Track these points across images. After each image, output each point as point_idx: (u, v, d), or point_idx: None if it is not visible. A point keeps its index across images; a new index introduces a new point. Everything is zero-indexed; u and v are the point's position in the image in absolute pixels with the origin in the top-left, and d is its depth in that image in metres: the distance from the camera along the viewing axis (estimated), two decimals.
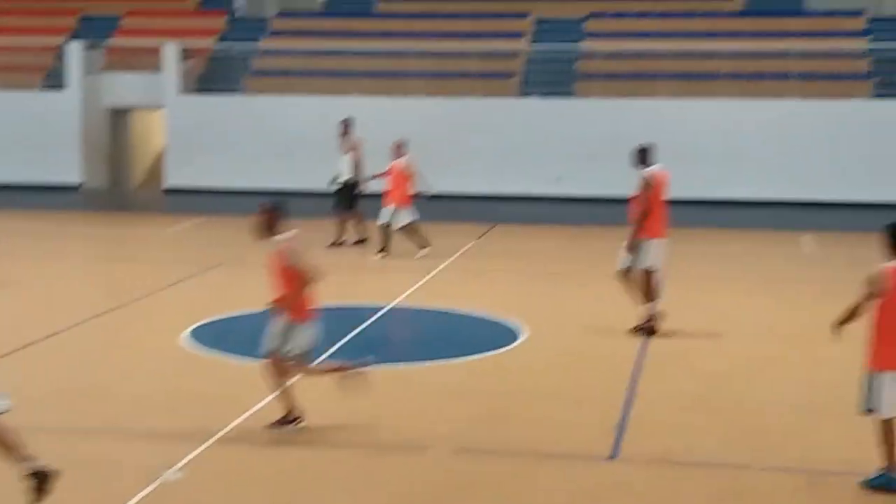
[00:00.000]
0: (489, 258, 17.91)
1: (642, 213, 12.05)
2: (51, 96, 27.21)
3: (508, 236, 20.16)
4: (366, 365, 9.12)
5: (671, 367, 11.20)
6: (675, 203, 24.24)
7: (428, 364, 11.08)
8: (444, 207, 23.56)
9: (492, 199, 24.82)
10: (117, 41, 28.09)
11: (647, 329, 12.16)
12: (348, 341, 12.02)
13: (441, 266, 16.61)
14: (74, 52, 27.06)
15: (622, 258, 12.22)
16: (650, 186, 12.09)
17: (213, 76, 27.34)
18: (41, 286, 15.30)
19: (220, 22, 29.14)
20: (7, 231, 20.06)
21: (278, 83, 26.91)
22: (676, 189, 24.10)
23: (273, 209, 8.83)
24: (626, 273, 12.23)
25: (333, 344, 11.79)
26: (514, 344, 11.99)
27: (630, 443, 8.75)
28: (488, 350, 11.68)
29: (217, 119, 26.49)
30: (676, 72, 25.67)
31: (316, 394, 10.08)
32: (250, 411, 9.39)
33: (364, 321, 12.96)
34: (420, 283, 15.30)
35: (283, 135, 25.83)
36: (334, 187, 18.41)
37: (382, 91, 26.24)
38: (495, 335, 12.37)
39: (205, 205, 23.42)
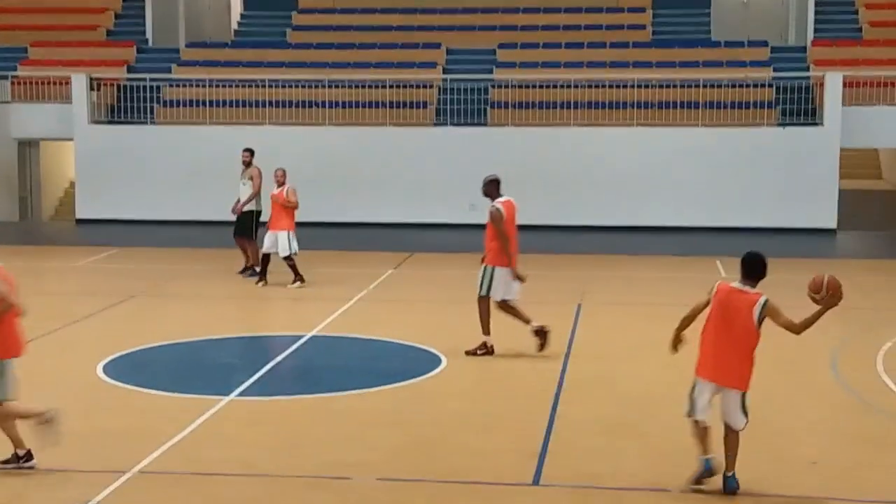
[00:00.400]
0: (407, 286, 17.92)
1: (503, 243, 12.34)
2: None
3: (425, 264, 20.19)
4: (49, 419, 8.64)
5: (592, 392, 11.29)
6: (586, 229, 24.60)
7: (350, 392, 11.02)
8: (360, 236, 23.56)
9: (407, 227, 24.84)
10: (24, 72, 27.62)
11: (478, 352, 12.52)
12: (269, 370, 11.92)
13: (359, 295, 16.58)
14: None
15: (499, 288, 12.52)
16: (501, 218, 12.29)
17: (123, 106, 27.01)
18: None
19: (129, 52, 28.82)
20: None
21: (189, 113, 26.67)
22: (588, 216, 24.69)
23: None
24: (505, 304, 12.60)
25: (254, 373, 11.71)
26: (435, 371, 11.99)
27: (552, 468, 8.79)
28: (409, 378, 11.66)
29: (128, 149, 26.14)
30: (587, 101, 26.00)
31: (240, 422, 9.98)
32: (168, 444, 9.26)
33: (284, 350, 12.86)
34: (338, 311, 15.24)
35: (195, 165, 25.59)
36: (235, 216, 18.29)
37: (296, 121, 26.17)
38: (416, 363, 12.36)
39: (117, 236, 23.07)
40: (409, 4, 30.30)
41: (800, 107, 25.51)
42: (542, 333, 12.52)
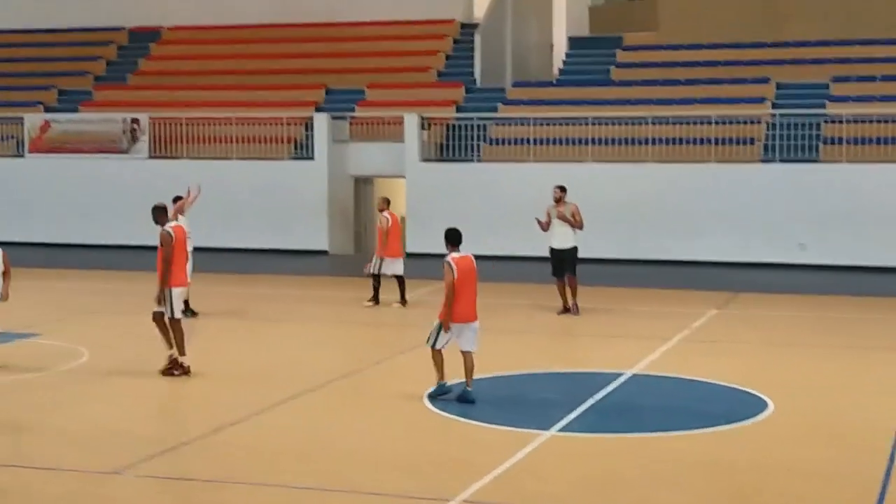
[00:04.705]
0: (732, 327, 17.38)
1: (166, 266, 13.21)
2: (300, 165, 28.36)
3: (751, 305, 19.53)
4: None
5: None
6: None
7: (672, 433, 10.78)
8: (680, 275, 23.14)
9: (730, 266, 24.17)
10: (361, 112, 29.08)
11: (171, 371, 13.33)
12: (590, 407, 11.87)
13: (681, 334, 16.24)
14: (321, 123, 28.17)
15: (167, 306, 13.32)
16: (171, 241, 13.32)
17: (451, 145, 27.88)
18: (286, 348, 15.82)
19: (458, 92, 29.77)
20: (256, 295, 20.93)
21: (513, 151, 27.19)
22: None
23: None
24: (163, 317, 13.38)
25: (574, 409, 11.70)
26: (762, 416, 11.55)
27: None
28: (734, 421, 11.28)
29: (455, 186, 26.94)
30: None
31: (560, 458, 9.98)
32: (490, 475, 9.38)
33: (604, 387, 12.77)
34: (659, 350, 14.99)
35: (518, 202, 25.98)
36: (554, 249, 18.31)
37: (618, 158, 26.12)
38: (741, 406, 11.95)
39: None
40: (736, 39, 29.63)
41: None
42: (175, 365, 13.27)
